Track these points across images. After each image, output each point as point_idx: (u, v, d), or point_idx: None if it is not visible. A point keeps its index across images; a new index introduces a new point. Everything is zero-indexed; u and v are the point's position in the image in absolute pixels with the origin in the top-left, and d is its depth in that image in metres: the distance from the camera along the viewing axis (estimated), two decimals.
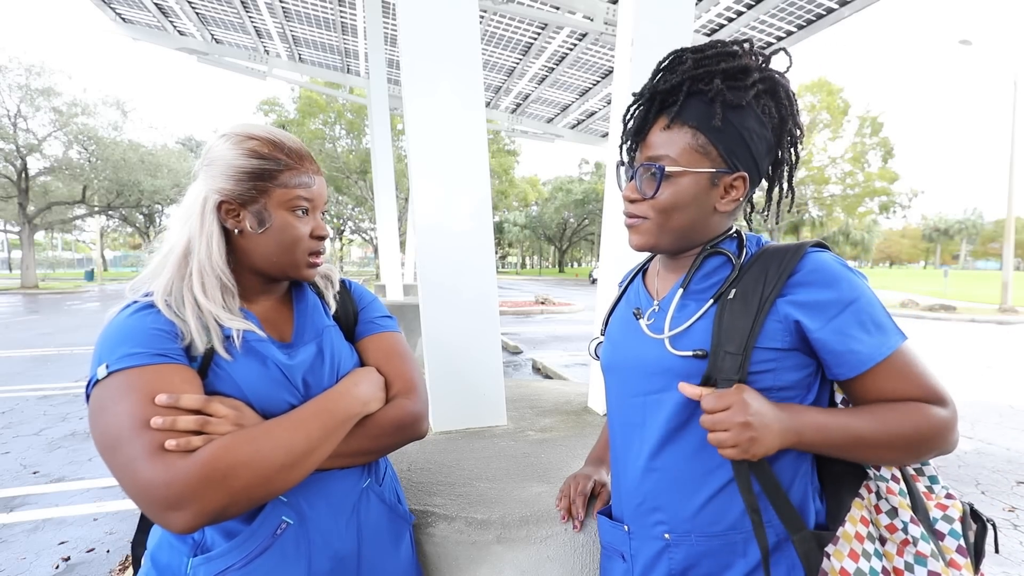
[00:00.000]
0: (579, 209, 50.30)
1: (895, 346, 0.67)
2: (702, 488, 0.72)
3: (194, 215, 0.77)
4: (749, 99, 0.69)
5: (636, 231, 0.78)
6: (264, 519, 0.74)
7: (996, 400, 5.59)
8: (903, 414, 0.66)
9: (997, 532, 0.74)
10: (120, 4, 8.15)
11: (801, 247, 0.71)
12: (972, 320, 13.50)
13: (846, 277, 0.68)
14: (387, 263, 8.49)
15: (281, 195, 0.79)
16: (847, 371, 0.68)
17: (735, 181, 0.73)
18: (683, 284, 0.77)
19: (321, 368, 0.84)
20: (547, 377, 6.68)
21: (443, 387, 1.61)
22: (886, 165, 31.77)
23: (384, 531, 0.89)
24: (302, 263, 0.83)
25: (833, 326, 0.66)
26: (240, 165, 0.77)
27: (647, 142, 0.74)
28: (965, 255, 77.02)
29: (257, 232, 0.79)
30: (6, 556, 2.48)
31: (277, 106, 31.52)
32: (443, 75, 1.53)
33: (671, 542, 0.74)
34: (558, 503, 1.03)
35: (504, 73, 8.46)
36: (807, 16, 5.35)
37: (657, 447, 0.76)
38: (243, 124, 0.82)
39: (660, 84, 0.73)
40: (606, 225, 1.82)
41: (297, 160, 0.80)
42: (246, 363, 0.75)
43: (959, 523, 0.71)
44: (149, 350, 0.68)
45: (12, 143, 20.95)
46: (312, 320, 0.88)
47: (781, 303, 0.69)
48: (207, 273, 0.76)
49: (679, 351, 0.72)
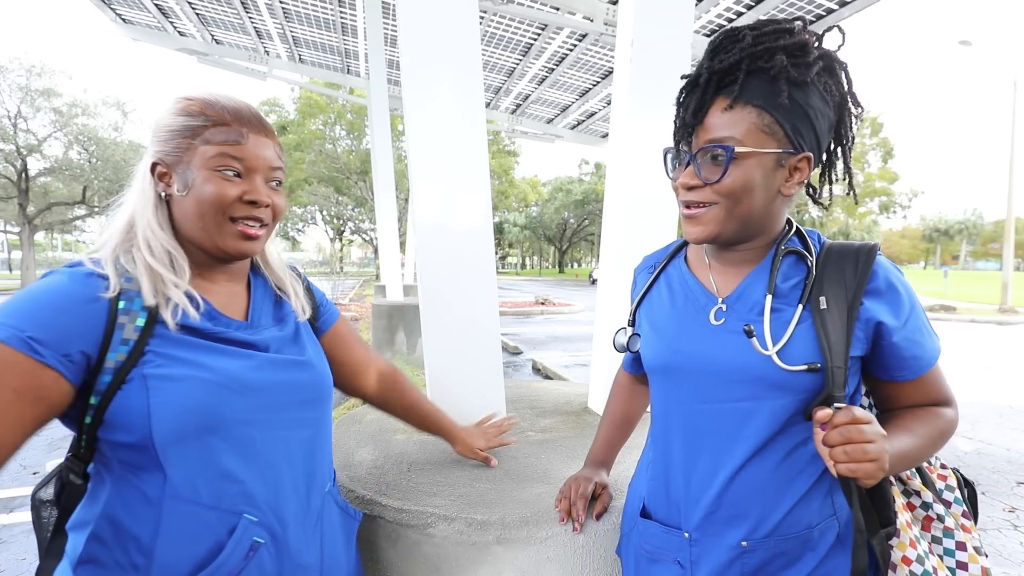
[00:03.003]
0: (579, 210, 50.29)
1: (941, 349, 0.72)
2: (787, 495, 0.72)
3: (135, 182, 0.75)
4: (812, 76, 0.66)
5: (698, 221, 0.72)
6: (236, 543, 0.69)
7: (996, 400, 5.59)
8: (934, 425, 0.72)
9: (976, 493, 0.82)
10: (120, 5, 8.15)
11: (872, 250, 0.71)
12: (972, 320, 13.50)
13: (906, 282, 0.72)
14: (387, 263, 8.49)
15: (204, 152, 0.71)
16: (909, 374, 0.71)
17: (799, 162, 0.70)
18: (770, 288, 0.72)
19: (295, 342, 0.82)
20: (547, 378, 6.68)
21: (443, 387, 1.61)
22: (886, 165, 31.76)
23: (339, 534, 0.87)
24: (227, 232, 0.73)
25: (906, 330, 0.69)
26: (168, 124, 0.73)
27: (705, 125, 0.69)
28: (965, 255, 76.99)
29: (182, 195, 0.72)
30: (6, 556, 2.48)
31: (277, 107, 31.53)
32: (443, 75, 1.53)
33: (748, 548, 0.73)
34: (557, 504, 1.03)
35: (504, 74, 8.46)
36: (807, 17, 5.34)
37: (746, 457, 0.73)
38: (187, 91, 0.79)
39: (717, 63, 0.68)
40: (606, 226, 1.82)
41: (232, 117, 0.73)
42: (196, 347, 0.70)
43: (958, 490, 0.77)
44: (27, 332, 0.60)
45: (12, 144, 20.95)
46: (268, 305, 0.84)
47: (864, 309, 0.69)
48: (152, 240, 0.71)
49: (789, 365, 0.68)
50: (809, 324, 0.69)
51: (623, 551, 0.94)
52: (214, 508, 0.69)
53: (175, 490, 0.67)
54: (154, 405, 0.65)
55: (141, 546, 0.67)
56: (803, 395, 0.68)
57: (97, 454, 0.70)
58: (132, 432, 0.65)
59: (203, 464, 0.68)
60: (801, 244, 0.76)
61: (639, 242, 1.69)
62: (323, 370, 0.86)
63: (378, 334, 6.80)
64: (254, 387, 0.73)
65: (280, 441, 0.76)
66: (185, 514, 0.68)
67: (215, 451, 0.69)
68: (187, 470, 0.68)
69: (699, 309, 0.79)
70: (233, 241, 0.74)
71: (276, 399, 0.76)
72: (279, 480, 0.75)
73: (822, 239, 0.76)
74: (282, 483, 0.75)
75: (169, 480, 0.67)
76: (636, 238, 1.70)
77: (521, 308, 14.82)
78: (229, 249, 0.74)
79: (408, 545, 1.03)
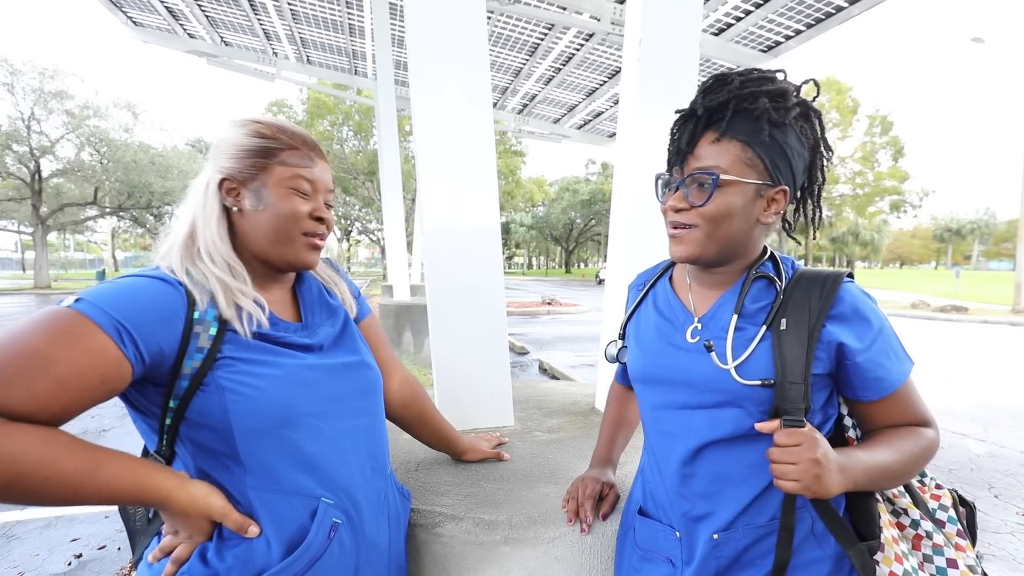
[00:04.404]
0: (585, 209, 50.23)
1: (909, 372, 0.76)
2: (748, 488, 0.77)
3: (198, 196, 0.79)
4: (790, 119, 0.75)
5: (682, 241, 0.79)
6: (319, 524, 0.75)
7: (1009, 403, 5.52)
8: (914, 443, 0.74)
9: (976, 512, 0.84)
10: (131, 7, 8.24)
11: (838, 277, 0.77)
12: (984, 321, 13.32)
13: (874, 307, 0.76)
14: (394, 264, 8.53)
15: (281, 172, 0.79)
16: (872, 395, 0.75)
17: (777, 194, 0.77)
18: (737, 309, 0.79)
19: (345, 337, 0.88)
20: (554, 378, 6.67)
21: (450, 387, 1.62)
22: (896, 164, 31.46)
23: (400, 515, 0.94)
24: (300, 244, 0.81)
25: (869, 353, 0.73)
26: (242, 143, 0.79)
27: (695, 154, 0.77)
28: (977, 255, 76.04)
29: (257, 210, 0.78)
30: (20, 553, 2.51)
31: (286, 107, 31.77)
32: (451, 76, 1.53)
33: (719, 541, 0.78)
34: (564, 505, 1.03)
35: (511, 74, 8.46)
36: (816, 15, 5.30)
37: (697, 453, 0.79)
38: (250, 115, 0.84)
39: (708, 101, 0.76)
40: (614, 225, 1.82)
41: (300, 142, 0.81)
42: (263, 350, 0.75)
43: (952, 510, 0.80)
44: (116, 318, 0.63)
45: (26, 145, 21.26)
46: (320, 305, 0.89)
47: (826, 331, 0.74)
48: (215, 252, 0.76)
49: (745, 379, 0.74)
50: (769, 343, 0.75)
51: (618, 548, 0.97)
52: (296, 494, 0.75)
53: (258, 482, 0.73)
54: (231, 404, 0.70)
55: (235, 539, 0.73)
56: (762, 407, 0.74)
57: (177, 457, 0.74)
58: (214, 430, 0.71)
59: (281, 455, 0.74)
60: (774, 270, 0.82)
61: (646, 242, 1.68)
62: (373, 362, 0.93)
63: (386, 334, 6.83)
64: (318, 382, 0.79)
65: (345, 430, 0.83)
66: (271, 503, 0.74)
67: (290, 443, 0.75)
68: (267, 462, 0.73)
69: (678, 327, 0.85)
70: (304, 252, 0.82)
71: (338, 391, 0.82)
72: (348, 465, 0.82)
73: (796, 266, 0.83)
74: (351, 468, 0.82)
75: (251, 473, 0.73)
76: (643, 238, 1.69)
77: (528, 308, 14.81)
78: (300, 259, 0.83)
79: (416, 544, 1.04)
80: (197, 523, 0.70)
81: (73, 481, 0.60)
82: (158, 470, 0.68)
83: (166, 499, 0.68)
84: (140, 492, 0.66)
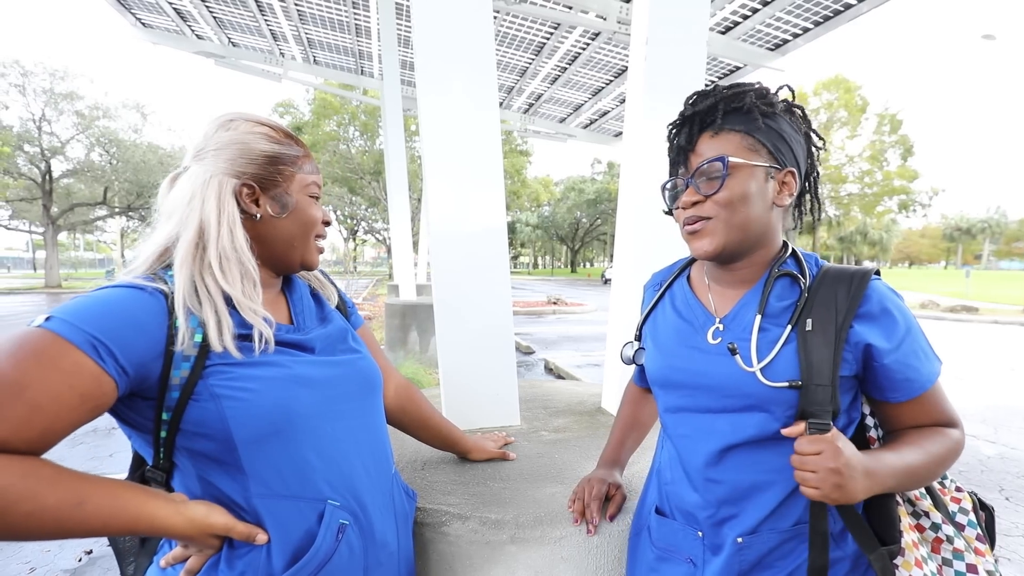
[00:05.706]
0: (591, 209, 50.12)
1: (939, 372, 0.74)
2: (774, 492, 0.75)
3: (208, 200, 0.73)
4: (779, 110, 0.77)
5: (702, 235, 0.77)
6: (326, 527, 0.74)
7: (1020, 404, 5.45)
8: (941, 444, 0.72)
9: (995, 517, 0.82)
10: (140, 9, 8.31)
11: (866, 275, 0.74)
12: (995, 321, 13.17)
13: (902, 306, 0.74)
14: (400, 263, 8.54)
15: (301, 179, 0.82)
16: (901, 396, 0.73)
17: (786, 176, 0.77)
18: (760, 308, 0.77)
19: (343, 338, 0.88)
20: (559, 377, 6.67)
21: (456, 387, 1.62)
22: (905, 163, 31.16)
23: (407, 514, 0.94)
24: (312, 248, 0.86)
25: (898, 354, 0.71)
26: (263, 149, 0.78)
27: (697, 151, 0.77)
28: (988, 255, 75.17)
29: (280, 216, 0.79)
30: (31, 549, 2.54)
31: (293, 108, 31.89)
32: (457, 75, 1.53)
33: (743, 545, 0.77)
34: (570, 505, 1.03)
35: (517, 73, 8.46)
36: (825, 12, 5.26)
37: (720, 456, 0.78)
38: (236, 111, 0.81)
39: (698, 107, 0.78)
40: (620, 225, 1.81)
41: (307, 149, 0.85)
42: (266, 359, 0.73)
43: (972, 513, 0.79)
44: (90, 333, 0.60)
45: (37, 146, 21.48)
46: (310, 308, 0.90)
47: (853, 332, 0.72)
48: (228, 260, 0.72)
49: (771, 381, 0.73)
50: (794, 345, 0.73)
51: (631, 548, 0.95)
52: (301, 498, 0.74)
53: (262, 488, 0.72)
54: (229, 412, 0.68)
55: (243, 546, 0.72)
56: (788, 410, 0.73)
57: (177, 469, 0.72)
58: (213, 439, 0.69)
59: (284, 459, 0.73)
60: (796, 267, 0.80)
61: (653, 242, 1.68)
62: (372, 360, 0.93)
63: (391, 333, 6.85)
64: (316, 383, 0.78)
65: (347, 430, 0.81)
66: (277, 508, 0.73)
67: (292, 446, 0.73)
68: (271, 466, 0.72)
69: (698, 328, 0.84)
70: (314, 254, 0.86)
71: (336, 391, 0.81)
72: (352, 466, 0.81)
73: (820, 262, 0.80)
74: (354, 468, 0.81)
75: (255, 479, 0.71)
76: (650, 237, 1.69)
77: (533, 308, 14.80)
78: (310, 260, 0.86)
79: (422, 543, 1.04)
80: (202, 541, 0.69)
81: (56, 515, 0.57)
82: (151, 498, 0.65)
83: (162, 528, 0.65)
84: (133, 523, 0.63)
